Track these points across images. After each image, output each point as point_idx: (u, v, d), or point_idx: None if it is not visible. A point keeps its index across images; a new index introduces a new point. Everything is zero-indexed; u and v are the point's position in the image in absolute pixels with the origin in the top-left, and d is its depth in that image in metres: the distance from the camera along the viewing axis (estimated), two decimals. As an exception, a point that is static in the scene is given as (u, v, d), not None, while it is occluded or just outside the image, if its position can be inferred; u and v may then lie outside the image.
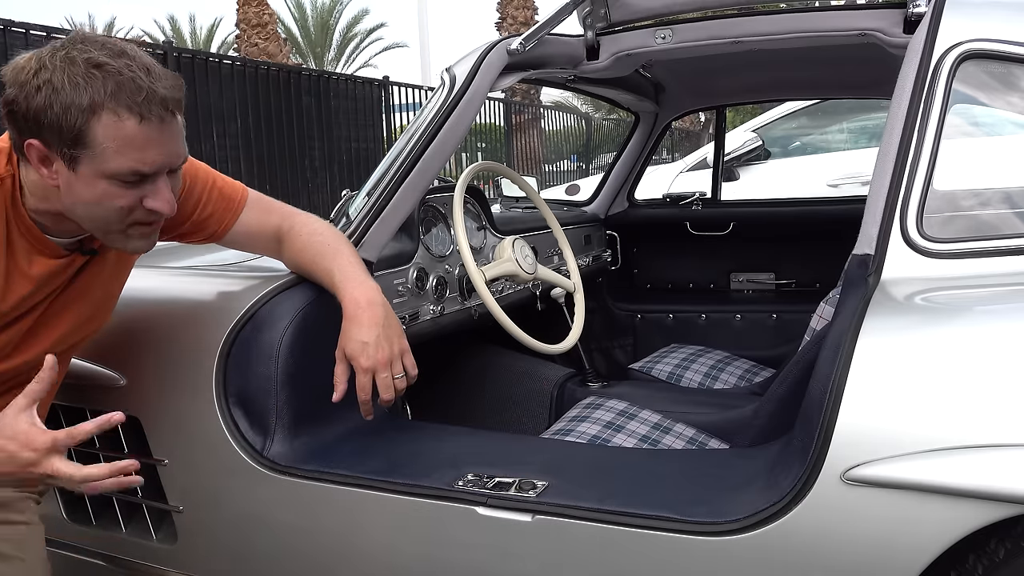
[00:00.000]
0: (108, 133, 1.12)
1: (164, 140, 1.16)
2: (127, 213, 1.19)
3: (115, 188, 1.16)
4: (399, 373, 1.40)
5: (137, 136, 1.13)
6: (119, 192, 1.17)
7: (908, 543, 1.07)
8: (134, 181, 1.17)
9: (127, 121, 1.12)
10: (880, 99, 2.73)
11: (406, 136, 1.69)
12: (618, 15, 1.92)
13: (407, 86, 9.75)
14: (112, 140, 1.12)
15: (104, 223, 1.21)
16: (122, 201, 1.17)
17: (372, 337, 1.38)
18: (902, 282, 1.25)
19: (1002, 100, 1.36)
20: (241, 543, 1.52)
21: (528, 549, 1.26)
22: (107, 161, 1.13)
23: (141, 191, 1.18)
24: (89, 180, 1.15)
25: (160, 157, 1.17)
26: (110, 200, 1.17)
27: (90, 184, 1.16)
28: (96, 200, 1.17)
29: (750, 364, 2.55)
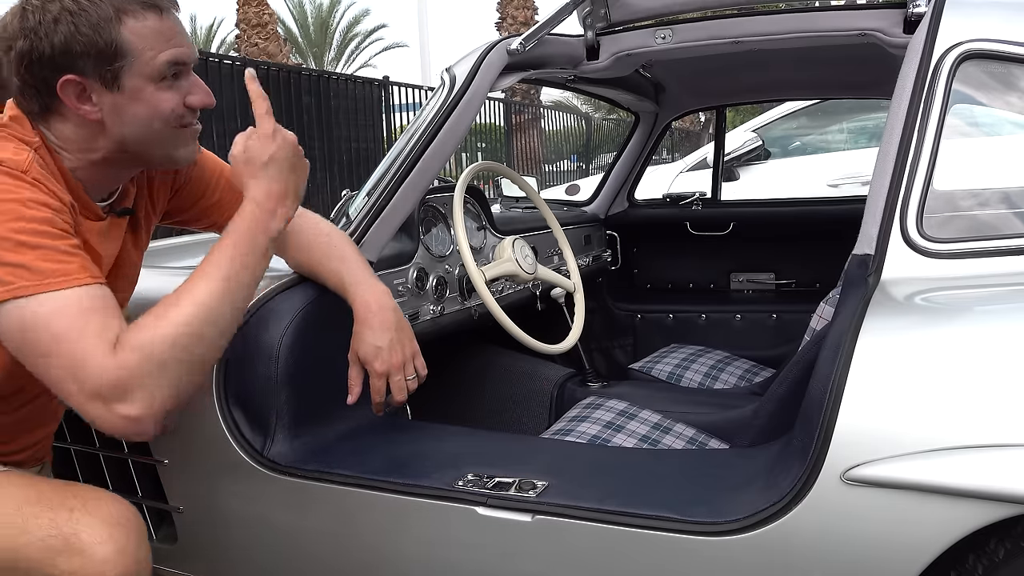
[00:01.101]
0: (138, 34, 1.13)
1: (182, 31, 1.19)
2: (177, 116, 1.20)
3: (161, 92, 1.17)
4: (411, 375, 1.43)
5: (163, 28, 1.16)
6: (166, 95, 1.18)
7: (908, 543, 1.07)
8: (174, 77, 1.18)
9: (149, 18, 1.14)
10: (880, 99, 2.73)
11: (406, 136, 1.69)
12: (618, 15, 1.92)
13: (407, 86, 9.75)
14: (145, 39, 1.14)
15: (159, 136, 1.20)
16: (171, 103, 1.18)
17: (385, 341, 1.40)
18: (902, 282, 1.25)
19: (1002, 100, 1.36)
20: (241, 543, 1.52)
21: (528, 549, 1.26)
22: (148, 62, 1.14)
23: (181, 91, 1.19)
24: (135, 93, 1.16)
25: (188, 49, 1.19)
26: (161, 105, 1.18)
27: (137, 96, 1.16)
28: (148, 112, 1.17)
29: (750, 364, 2.55)
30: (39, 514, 1.11)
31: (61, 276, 1.06)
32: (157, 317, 1.09)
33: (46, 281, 1.04)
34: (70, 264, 1.08)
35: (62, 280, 1.06)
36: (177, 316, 1.09)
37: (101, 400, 1.04)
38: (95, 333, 1.05)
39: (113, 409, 1.04)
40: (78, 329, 1.04)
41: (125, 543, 1.11)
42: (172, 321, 1.08)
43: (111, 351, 1.04)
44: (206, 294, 1.11)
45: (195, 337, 1.09)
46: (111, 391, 1.03)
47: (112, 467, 1.67)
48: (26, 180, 1.10)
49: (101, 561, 1.08)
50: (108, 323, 1.06)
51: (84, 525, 1.10)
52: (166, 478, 1.56)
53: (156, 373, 1.06)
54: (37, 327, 1.04)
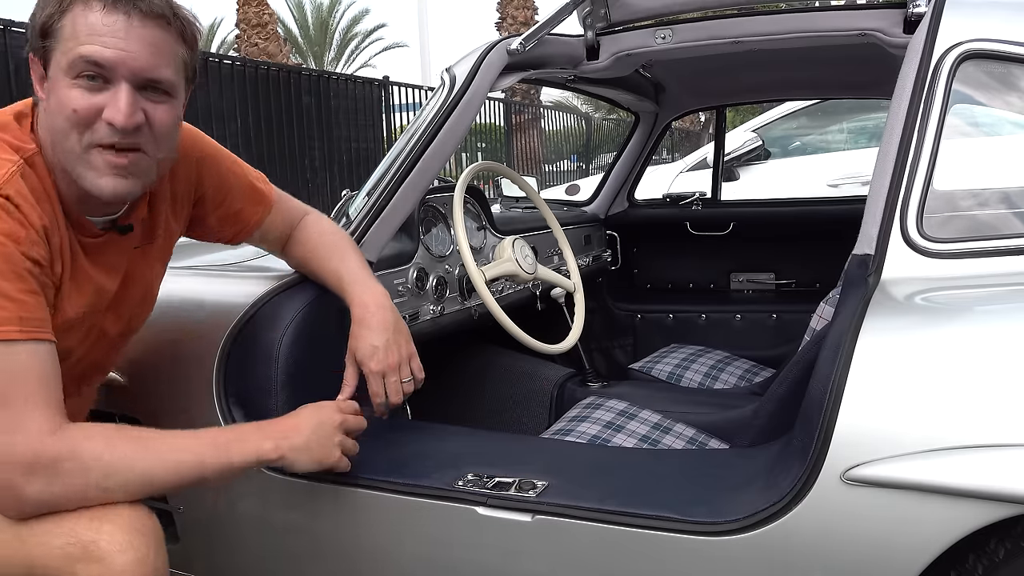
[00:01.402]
0: (73, 22, 1.08)
1: (130, 38, 1.09)
2: (84, 124, 1.10)
3: (74, 90, 1.09)
4: (407, 377, 1.42)
5: (98, 24, 1.08)
6: (75, 95, 1.09)
7: (908, 543, 1.07)
8: (93, 85, 1.09)
9: (94, 10, 1.08)
10: (880, 99, 2.73)
11: (406, 136, 1.69)
12: (618, 15, 1.92)
13: (407, 86, 9.75)
14: (75, 27, 1.08)
15: (66, 142, 1.11)
16: (75, 103, 1.09)
17: (382, 341, 1.39)
18: (902, 282, 1.25)
19: (1002, 100, 1.36)
20: (241, 543, 1.52)
21: (528, 549, 1.26)
22: (67, 52, 1.09)
23: (100, 99, 1.10)
24: (55, 82, 1.10)
25: (119, 53, 1.08)
26: (66, 103, 1.09)
27: (55, 87, 1.10)
28: (57, 106, 1.10)
29: (750, 364, 2.55)
30: (58, 521, 1.09)
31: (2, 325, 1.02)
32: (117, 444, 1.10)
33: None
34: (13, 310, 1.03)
35: None
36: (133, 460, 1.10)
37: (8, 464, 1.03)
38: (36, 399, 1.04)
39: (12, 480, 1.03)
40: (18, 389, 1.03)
41: (145, 551, 1.09)
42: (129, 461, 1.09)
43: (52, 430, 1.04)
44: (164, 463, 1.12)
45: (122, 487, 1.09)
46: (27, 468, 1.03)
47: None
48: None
49: (120, 570, 1.06)
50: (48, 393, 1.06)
51: (103, 532, 1.08)
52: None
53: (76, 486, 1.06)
54: None
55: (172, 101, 1.17)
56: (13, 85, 5.25)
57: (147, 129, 1.14)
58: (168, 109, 1.16)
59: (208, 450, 1.15)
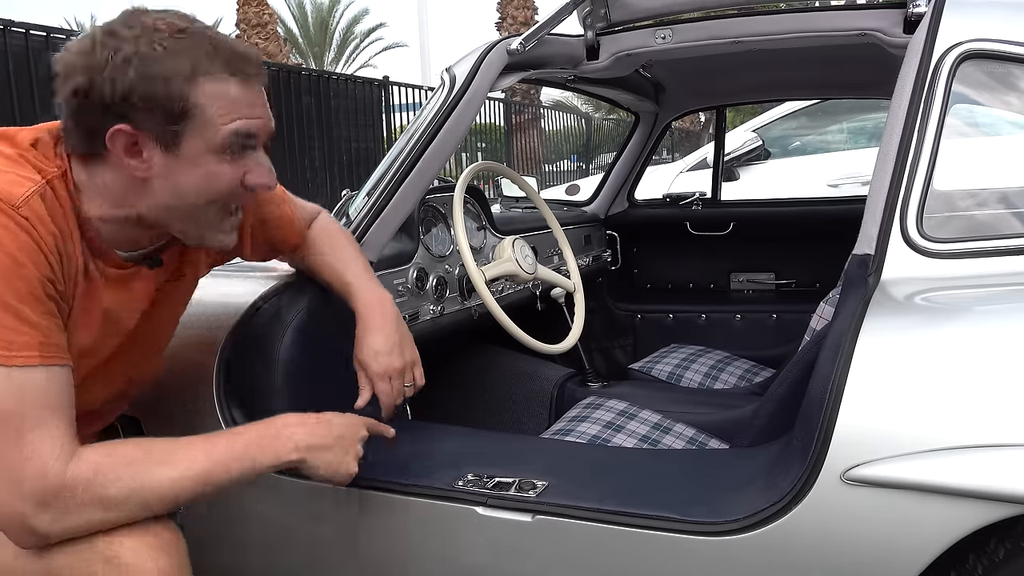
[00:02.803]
0: (213, 98, 1.03)
1: (263, 103, 1.10)
2: (229, 195, 1.10)
3: (220, 165, 1.07)
4: (408, 382, 1.42)
5: (242, 96, 1.05)
6: (224, 170, 1.07)
7: (908, 543, 1.07)
8: (238, 153, 1.08)
9: (230, 83, 1.04)
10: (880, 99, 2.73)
11: (406, 136, 1.69)
12: (618, 15, 1.92)
13: (407, 86, 9.75)
14: (218, 105, 1.03)
15: (202, 213, 1.10)
16: (226, 180, 1.08)
17: (386, 346, 1.39)
18: (902, 282, 1.25)
19: (1002, 100, 1.36)
20: (241, 543, 1.52)
21: (528, 549, 1.26)
22: (216, 130, 1.04)
23: (242, 166, 1.09)
24: (193, 159, 1.05)
25: (263, 120, 1.09)
26: (217, 180, 1.07)
27: (193, 164, 1.05)
28: (201, 183, 1.07)
29: (750, 364, 2.55)
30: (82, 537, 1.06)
31: (11, 351, 0.97)
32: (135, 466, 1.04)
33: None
34: (30, 335, 0.98)
35: (10, 356, 0.97)
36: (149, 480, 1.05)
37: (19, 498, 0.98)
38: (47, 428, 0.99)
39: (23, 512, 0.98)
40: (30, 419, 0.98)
41: (170, 568, 1.07)
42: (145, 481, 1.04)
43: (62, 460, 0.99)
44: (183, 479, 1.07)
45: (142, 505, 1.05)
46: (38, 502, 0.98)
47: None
48: (14, 217, 0.99)
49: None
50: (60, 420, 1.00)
51: (127, 548, 1.05)
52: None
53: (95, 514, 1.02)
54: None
55: None
56: (13, 85, 5.24)
57: None
58: None
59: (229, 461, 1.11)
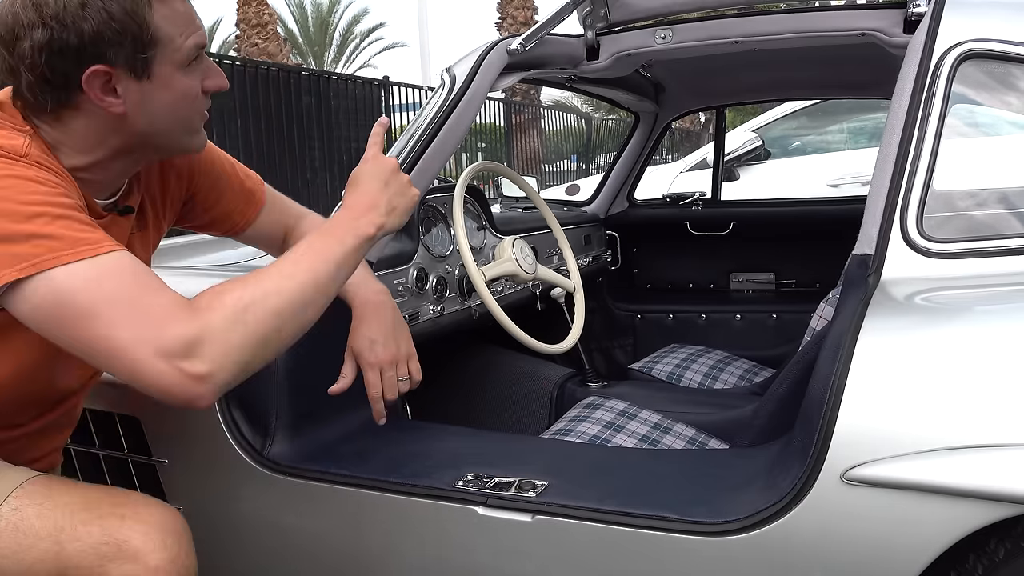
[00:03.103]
0: (168, 19, 1.08)
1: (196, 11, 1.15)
2: (201, 102, 1.17)
3: (188, 78, 1.13)
4: (404, 375, 1.40)
5: (187, 10, 1.12)
6: (191, 81, 1.13)
7: (908, 543, 1.07)
8: (195, 64, 1.14)
9: (171, 2, 1.09)
10: (880, 99, 2.73)
11: (406, 136, 1.69)
12: (618, 15, 1.92)
13: (407, 86, 9.74)
14: (175, 24, 1.09)
15: (182, 123, 1.17)
16: (196, 88, 1.14)
17: (380, 336, 1.38)
18: (902, 282, 1.25)
19: (1002, 100, 1.36)
20: (241, 543, 1.52)
21: (528, 549, 1.26)
22: (179, 48, 1.10)
23: (200, 74, 1.15)
24: (166, 80, 1.11)
25: (203, 27, 1.15)
26: (186, 96, 1.13)
27: (168, 83, 1.11)
28: (174, 99, 1.13)
29: (750, 364, 2.55)
30: (89, 520, 1.08)
31: (94, 244, 0.98)
32: (243, 282, 1.04)
33: (78, 249, 0.97)
34: (98, 232, 1.01)
35: (95, 247, 0.98)
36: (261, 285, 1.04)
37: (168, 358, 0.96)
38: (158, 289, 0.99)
39: (180, 366, 0.96)
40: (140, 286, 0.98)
41: (177, 551, 1.09)
42: (259, 288, 1.03)
43: (185, 305, 0.99)
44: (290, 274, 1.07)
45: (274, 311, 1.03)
46: (185, 347, 0.96)
47: (112, 467, 1.67)
48: (28, 164, 1.03)
49: (154, 568, 1.06)
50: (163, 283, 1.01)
51: (137, 532, 1.07)
52: (166, 478, 1.56)
53: (237, 333, 1.00)
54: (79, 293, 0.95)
55: None
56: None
57: None
58: None
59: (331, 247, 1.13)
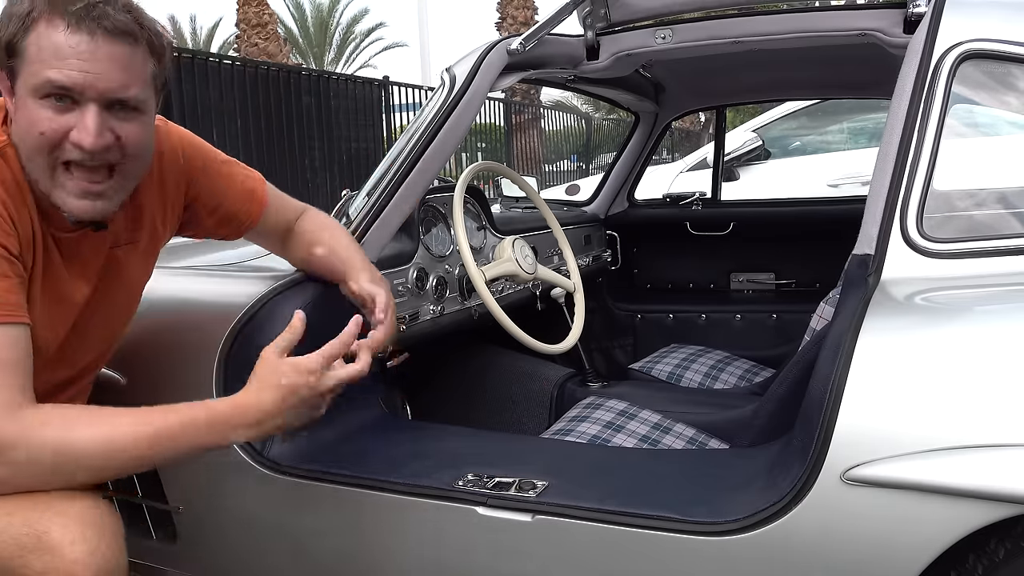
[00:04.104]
0: (38, 41, 1.06)
1: (96, 58, 1.07)
2: (51, 146, 1.09)
3: (42, 110, 1.08)
4: None
5: (63, 45, 1.05)
6: (45, 116, 1.08)
7: (908, 543, 1.07)
8: (59, 105, 1.08)
9: (57, 29, 1.05)
10: (880, 99, 2.73)
11: (406, 136, 1.69)
12: (618, 15, 1.92)
13: (407, 86, 9.74)
14: (40, 48, 1.06)
15: (36, 160, 1.11)
16: (45, 126, 1.08)
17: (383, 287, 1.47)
18: (902, 282, 1.25)
19: (1002, 100, 1.36)
20: (241, 543, 1.52)
21: (528, 549, 1.26)
22: (32, 74, 1.07)
23: (67, 120, 1.08)
24: (21, 100, 1.09)
25: (84, 76, 1.07)
26: (35, 125, 1.08)
27: (22, 105, 1.09)
28: (25, 125, 1.09)
29: (750, 364, 2.55)
30: (12, 511, 1.08)
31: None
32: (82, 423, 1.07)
33: None
34: None
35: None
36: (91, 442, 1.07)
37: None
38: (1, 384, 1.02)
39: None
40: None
41: (97, 543, 1.08)
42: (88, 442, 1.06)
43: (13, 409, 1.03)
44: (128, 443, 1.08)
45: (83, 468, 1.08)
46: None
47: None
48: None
49: (72, 561, 1.05)
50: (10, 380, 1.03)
51: (56, 524, 1.07)
52: (166, 478, 1.56)
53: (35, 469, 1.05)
54: None
55: (142, 117, 1.15)
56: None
57: (117, 147, 1.13)
58: (138, 126, 1.15)
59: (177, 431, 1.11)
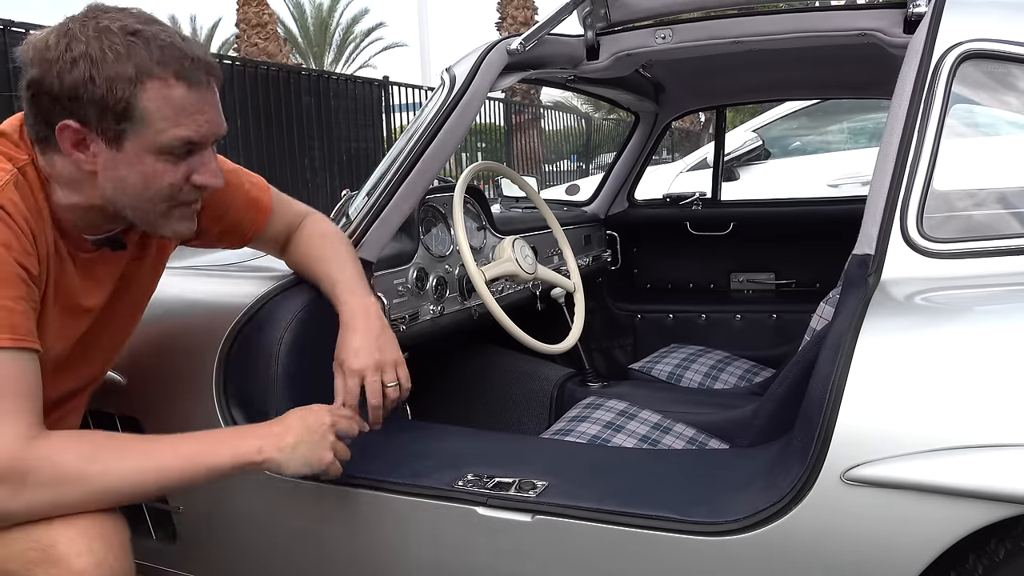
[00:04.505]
0: (157, 103, 1.06)
1: (211, 107, 1.12)
2: (175, 192, 1.14)
3: (163, 164, 1.11)
4: (391, 381, 1.37)
5: (187, 103, 1.08)
6: (167, 168, 1.11)
7: (908, 543, 1.07)
8: (182, 155, 1.12)
9: (175, 88, 1.07)
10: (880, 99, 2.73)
11: (406, 136, 1.69)
12: (618, 15, 1.92)
13: (407, 86, 9.74)
14: (161, 109, 1.07)
15: (149, 206, 1.14)
16: (170, 178, 1.12)
17: (365, 344, 1.36)
18: (902, 282, 1.25)
19: (1002, 100, 1.36)
20: (240, 543, 1.52)
21: (528, 549, 1.26)
22: (157, 134, 1.08)
23: (188, 166, 1.13)
24: (135, 158, 1.09)
25: (209, 125, 1.12)
26: (158, 178, 1.11)
27: (136, 162, 1.09)
28: (142, 180, 1.11)
29: (750, 364, 2.55)
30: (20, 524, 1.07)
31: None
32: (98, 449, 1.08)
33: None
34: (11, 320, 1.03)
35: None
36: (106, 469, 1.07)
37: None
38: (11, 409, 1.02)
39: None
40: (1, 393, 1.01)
41: (105, 555, 1.07)
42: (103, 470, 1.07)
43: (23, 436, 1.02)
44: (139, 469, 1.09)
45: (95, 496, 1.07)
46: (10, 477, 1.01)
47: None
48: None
49: (78, 573, 1.05)
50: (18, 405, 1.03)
51: (62, 536, 1.06)
52: (166, 478, 1.56)
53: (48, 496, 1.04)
54: None
55: None
56: (13, 85, 5.24)
57: None
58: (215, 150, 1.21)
59: (190, 456, 1.13)
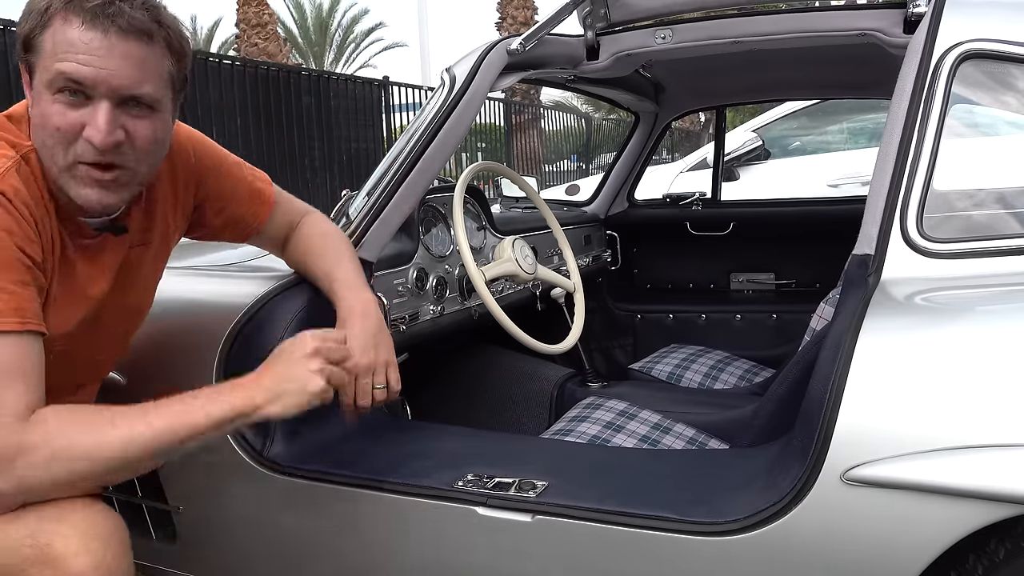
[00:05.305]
0: (53, 37, 1.07)
1: (110, 55, 1.07)
2: (67, 141, 1.10)
3: (57, 106, 1.08)
4: (380, 383, 1.37)
5: (77, 40, 1.06)
6: (58, 110, 1.09)
7: (908, 543, 1.07)
8: (74, 101, 1.08)
9: (71, 24, 1.07)
10: (880, 99, 2.73)
11: (406, 136, 1.69)
12: (618, 15, 1.92)
13: (407, 86, 9.75)
14: (54, 43, 1.07)
15: (49, 153, 1.12)
16: (58, 120, 1.09)
17: (358, 343, 1.36)
18: (902, 282, 1.25)
19: (1001, 100, 1.36)
20: (240, 543, 1.52)
21: (528, 549, 1.26)
22: (47, 68, 1.08)
23: (81, 116, 1.09)
24: (37, 95, 1.10)
25: (97, 72, 1.07)
26: (49, 119, 1.09)
27: (38, 99, 1.10)
28: (40, 120, 1.10)
29: (750, 364, 2.55)
30: (14, 521, 1.07)
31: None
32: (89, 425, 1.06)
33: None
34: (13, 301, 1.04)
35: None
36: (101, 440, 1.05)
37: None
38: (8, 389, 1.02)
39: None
40: None
41: (102, 556, 1.07)
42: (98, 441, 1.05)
43: (20, 418, 1.02)
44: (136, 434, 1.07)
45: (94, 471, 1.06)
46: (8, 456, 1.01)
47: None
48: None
49: (76, 573, 1.04)
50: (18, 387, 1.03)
51: (59, 535, 1.05)
52: (166, 478, 1.56)
53: (48, 476, 1.03)
54: None
55: (155, 115, 1.15)
56: (13, 85, 5.24)
57: (128, 145, 1.12)
58: (150, 124, 1.14)
59: (179, 416, 1.11)
